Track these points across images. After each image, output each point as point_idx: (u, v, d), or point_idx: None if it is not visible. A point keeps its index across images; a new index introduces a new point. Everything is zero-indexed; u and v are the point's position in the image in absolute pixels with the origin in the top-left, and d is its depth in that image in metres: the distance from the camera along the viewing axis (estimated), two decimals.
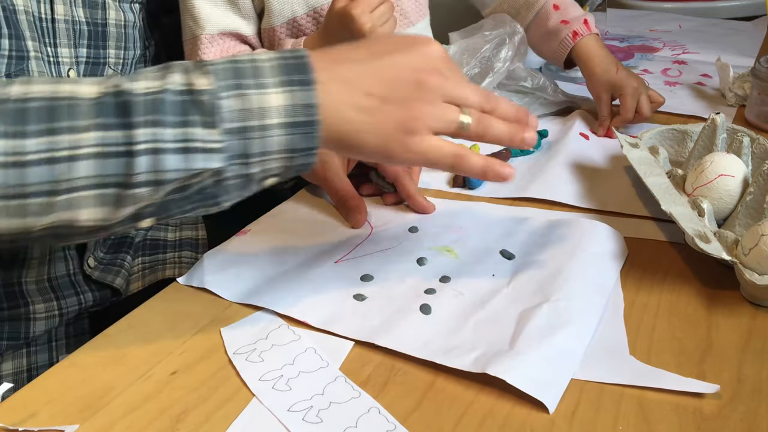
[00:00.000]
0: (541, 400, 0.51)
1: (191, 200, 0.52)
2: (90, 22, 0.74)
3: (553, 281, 0.64)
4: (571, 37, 1.01)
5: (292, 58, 0.52)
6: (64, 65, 0.71)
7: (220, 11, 0.91)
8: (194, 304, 0.64)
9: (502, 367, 0.53)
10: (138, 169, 0.48)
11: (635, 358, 0.56)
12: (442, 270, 0.67)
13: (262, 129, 0.50)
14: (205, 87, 0.49)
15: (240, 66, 0.51)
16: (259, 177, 0.52)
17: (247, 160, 0.51)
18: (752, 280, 0.60)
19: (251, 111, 0.50)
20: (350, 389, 0.54)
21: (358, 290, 0.65)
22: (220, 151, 0.50)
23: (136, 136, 0.48)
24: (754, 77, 0.98)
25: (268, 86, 0.51)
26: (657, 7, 1.67)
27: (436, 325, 0.60)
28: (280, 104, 0.50)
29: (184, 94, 0.49)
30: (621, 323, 0.60)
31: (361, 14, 0.80)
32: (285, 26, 0.92)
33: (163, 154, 0.49)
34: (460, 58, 0.95)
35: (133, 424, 0.51)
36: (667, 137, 0.88)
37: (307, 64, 0.52)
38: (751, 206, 0.69)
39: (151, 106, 0.49)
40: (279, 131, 0.51)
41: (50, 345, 0.76)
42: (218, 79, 0.50)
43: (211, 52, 0.91)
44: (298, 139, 0.51)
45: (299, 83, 0.51)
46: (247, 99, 0.50)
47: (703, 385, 0.53)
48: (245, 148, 0.50)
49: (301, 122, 0.51)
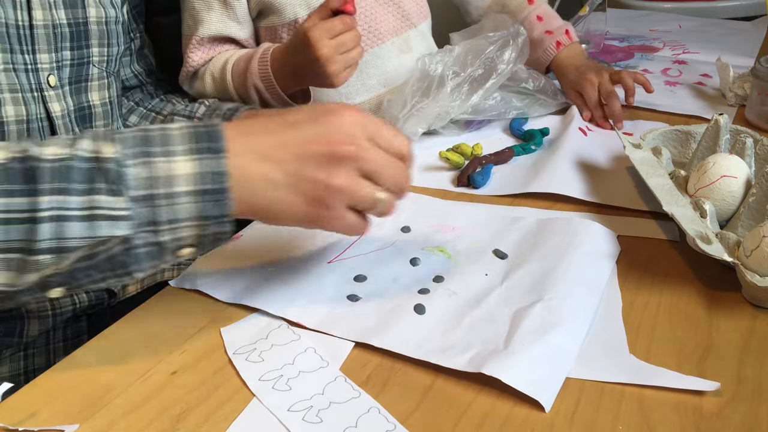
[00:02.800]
0: (537, 399, 0.51)
1: (100, 269, 0.51)
2: (72, 23, 0.73)
3: (546, 280, 0.64)
4: (554, 47, 1.08)
5: (203, 127, 0.53)
6: (44, 71, 0.70)
7: (214, 15, 0.91)
8: (194, 305, 0.64)
9: (498, 366, 0.53)
10: (41, 236, 0.48)
11: (635, 357, 0.56)
12: (436, 270, 0.67)
13: (169, 197, 0.50)
14: (111, 155, 0.50)
15: (149, 134, 0.52)
16: (172, 246, 0.52)
17: (155, 227, 0.51)
18: (753, 282, 0.60)
19: (157, 179, 0.50)
20: (350, 389, 0.54)
21: (351, 291, 0.65)
22: (126, 219, 0.50)
23: (40, 203, 0.48)
24: (754, 77, 0.98)
25: (176, 154, 0.51)
26: (657, 7, 1.67)
27: (430, 325, 0.60)
28: (188, 172, 0.51)
29: (91, 161, 0.50)
30: (620, 322, 0.60)
31: (319, 39, 0.80)
32: (287, 26, 0.93)
33: (67, 222, 0.49)
34: (464, 59, 0.95)
35: (133, 424, 0.51)
36: (670, 138, 0.88)
37: (218, 132, 0.52)
38: (754, 208, 0.69)
39: (57, 173, 0.49)
40: (187, 199, 0.51)
41: (47, 348, 0.76)
42: (125, 147, 0.50)
43: (197, 55, 0.92)
44: (209, 207, 0.51)
45: (208, 151, 0.51)
46: (154, 167, 0.50)
47: (704, 383, 0.53)
48: (153, 216, 0.50)
49: (210, 190, 0.51)
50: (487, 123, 1.01)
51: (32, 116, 0.68)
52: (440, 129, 0.97)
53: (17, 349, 0.74)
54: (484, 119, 1.01)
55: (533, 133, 0.95)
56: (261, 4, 0.92)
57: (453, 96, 0.94)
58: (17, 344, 0.74)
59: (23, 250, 0.49)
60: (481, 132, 0.99)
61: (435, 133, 0.97)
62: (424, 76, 0.94)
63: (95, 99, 0.77)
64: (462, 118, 0.98)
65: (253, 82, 0.88)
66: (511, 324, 0.59)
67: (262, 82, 0.87)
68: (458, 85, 0.94)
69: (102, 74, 0.77)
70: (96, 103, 0.77)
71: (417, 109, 0.93)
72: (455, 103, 0.94)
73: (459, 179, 0.85)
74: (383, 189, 0.56)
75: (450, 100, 0.94)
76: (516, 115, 1.00)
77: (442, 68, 0.94)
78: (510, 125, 0.99)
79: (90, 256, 0.50)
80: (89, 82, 0.76)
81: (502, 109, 0.99)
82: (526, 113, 1.01)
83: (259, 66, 0.87)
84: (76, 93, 0.74)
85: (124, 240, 0.50)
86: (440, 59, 0.94)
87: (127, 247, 0.51)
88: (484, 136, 0.98)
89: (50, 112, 0.70)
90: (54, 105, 0.71)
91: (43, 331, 0.74)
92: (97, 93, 0.77)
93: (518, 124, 0.99)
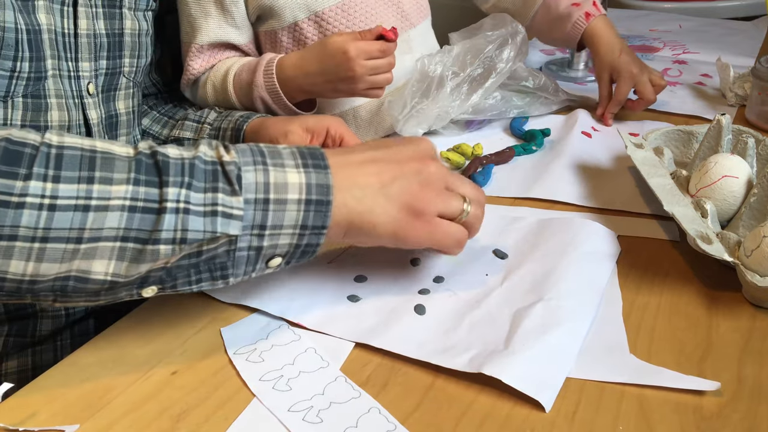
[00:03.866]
0: (537, 399, 0.51)
1: (200, 269, 0.53)
2: (109, 34, 0.75)
3: (546, 280, 0.64)
4: (584, 18, 1.05)
5: (306, 149, 0.56)
6: (84, 79, 0.72)
7: (212, 22, 0.91)
8: (194, 305, 0.64)
9: (498, 367, 0.53)
10: (165, 227, 0.50)
11: (635, 357, 0.56)
12: (436, 270, 0.67)
13: (280, 203, 0.53)
14: (230, 159, 0.53)
15: (261, 148, 0.55)
16: (268, 253, 0.54)
17: (261, 231, 0.53)
18: (753, 282, 0.60)
19: (272, 185, 0.53)
20: (350, 389, 0.54)
21: (351, 291, 0.65)
22: (239, 219, 0.52)
23: (167, 194, 0.50)
24: (754, 77, 0.98)
25: (288, 166, 0.54)
26: (657, 7, 1.67)
27: (430, 325, 0.60)
28: (300, 182, 0.53)
29: (214, 164, 0.53)
30: (620, 322, 0.60)
31: (356, 57, 0.83)
32: (287, 30, 0.92)
33: (191, 215, 0.51)
34: (464, 59, 0.95)
35: (133, 424, 0.51)
36: (672, 138, 0.88)
37: (321, 152, 0.56)
38: (755, 208, 0.69)
39: (183, 169, 0.51)
40: (295, 207, 0.53)
41: (55, 344, 0.77)
42: (243, 155, 0.53)
43: (197, 63, 0.92)
44: (312, 217, 0.54)
45: (314, 166, 0.55)
46: (269, 173, 0.53)
47: (704, 383, 0.53)
48: (262, 219, 0.53)
49: (316, 200, 0.54)
50: (488, 123, 1.01)
51: (73, 122, 0.70)
52: (441, 129, 0.97)
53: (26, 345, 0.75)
54: (485, 119, 1.01)
55: (534, 133, 0.95)
56: (260, 8, 0.91)
57: (453, 96, 0.94)
58: (29, 344, 0.74)
59: (142, 240, 0.50)
60: (482, 132, 1.00)
61: (435, 133, 0.97)
62: (423, 77, 0.94)
63: (121, 108, 0.79)
64: (462, 118, 0.98)
65: (259, 94, 0.88)
66: (512, 324, 0.59)
67: (268, 94, 0.88)
68: (458, 85, 0.94)
69: (129, 84, 0.80)
70: (122, 111, 0.79)
71: (417, 110, 0.93)
72: (455, 103, 0.94)
73: None
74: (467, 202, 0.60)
75: (450, 101, 0.94)
76: (517, 114, 1.00)
77: (442, 68, 0.94)
78: (510, 125, 0.99)
79: (196, 254, 0.52)
80: (118, 91, 0.78)
81: (502, 108, 0.99)
82: (527, 112, 1.01)
83: (265, 79, 0.88)
84: (106, 101, 0.76)
85: (230, 240, 0.52)
86: (439, 59, 0.94)
87: (231, 249, 0.53)
88: (485, 136, 0.98)
89: (88, 119, 0.72)
90: (92, 112, 0.73)
91: (54, 330, 0.74)
92: (123, 102, 0.79)
93: (519, 124, 0.99)
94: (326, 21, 0.92)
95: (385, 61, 0.85)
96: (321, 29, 0.92)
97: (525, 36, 0.98)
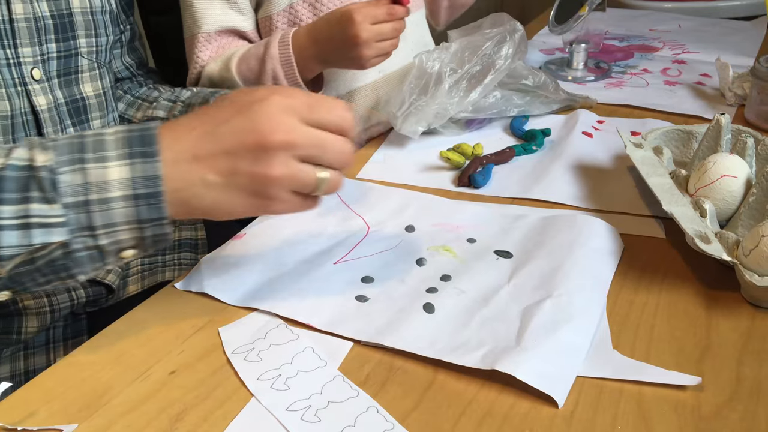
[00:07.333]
0: (550, 395, 0.51)
1: (43, 273, 0.52)
2: (55, 15, 0.73)
3: (553, 277, 0.64)
4: None
5: (137, 131, 0.53)
6: (27, 65, 0.69)
7: (217, 8, 0.91)
8: (193, 304, 0.64)
9: (511, 363, 0.53)
10: None
11: (619, 353, 0.56)
12: (442, 269, 0.67)
13: (103, 202, 0.51)
14: (44, 163, 0.51)
15: (83, 140, 0.52)
16: (112, 248, 0.53)
17: (93, 232, 0.51)
18: (752, 281, 0.60)
19: (91, 184, 0.51)
20: (348, 388, 0.54)
21: (359, 292, 0.65)
22: (61, 225, 0.50)
23: None
24: (753, 77, 0.98)
25: (110, 159, 0.51)
26: (657, 7, 1.67)
27: (440, 323, 0.60)
28: (122, 177, 0.51)
29: (26, 170, 0.51)
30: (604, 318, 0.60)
31: (362, 22, 0.82)
32: (282, 14, 0.93)
33: (3, 231, 0.49)
34: (462, 56, 0.95)
35: (131, 424, 0.51)
36: (672, 138, 0.88)
37: (152, 135, 0.52)
38: (754, 207, 0.69)
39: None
40: (121, 203, 0.51)
41: (47, 347, 0.76)
42: (59, 154, 0.51)
43: (207, 51, 0.91)
44: (144, 211, 0.52)
45: (141, 155, 0.52)
46: (87, 173, 0.51)
47: (685, 378, 0.53)
48: (88, 221, 0.51)
49: (144, 194, 0.52)
50: (488, 123, 1.01)
51: (16, 111, 0.68)
52: (441, 128, 0.97)
53: (17, 348, 0.74)
54: (485, 118, 1.01)
55: (534, 133, 0.95)
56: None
57: (451, 93, 0.94)
58: (16, 342, 0.74)
59: None
60: (482, 132, 0.99)
61: (435, 132, 0.97)
62: (421, 74, 0.94)
63: (88, 91, 0.77)
64: (462, 117, 0.98)
65: (272, 66, 0.87)
66: (522, 321, 0.59)
67: (282, 66, 0.87)
68: (456, 82, 0.94)
69: (92, 65, 0.77)
70: (90, 94, 0.77)
71: (415, 107, 0.93)
72: (454, 100, 0.94)
73: (460, 179, 0.85)
74: (325, 168, 0.55)
75: (448, 98, 0.93)
76: (517, 113, 1.00)
77: (440, 65, 0.94)
78: (511, 125, 0.99)
79: (30, 261, 0.51)
80: (80, 74, 0.76)
81: (502, 107, 0.99)
82: (528, 111, 1.01)
83: (281, 50, 0.87)
84: (66, 85, 0.74)
85: (63, 245, 0.51)
86: (437, 56, 0.94)
87: (67, 252, 0.51)
88: (485, 135, 0.98)
89: (35, 106, 0.70)
90: (39, 98, 0.71)
91: (42, 328, 0.74)
92: (90, 84, 0.77)
93: (519, 124, 0.99)
94: (320, 2, 0.92)
95: (390, 26, 0.84)
96: (315, 11, 0.92)
97: (523, 34, 0.98)
